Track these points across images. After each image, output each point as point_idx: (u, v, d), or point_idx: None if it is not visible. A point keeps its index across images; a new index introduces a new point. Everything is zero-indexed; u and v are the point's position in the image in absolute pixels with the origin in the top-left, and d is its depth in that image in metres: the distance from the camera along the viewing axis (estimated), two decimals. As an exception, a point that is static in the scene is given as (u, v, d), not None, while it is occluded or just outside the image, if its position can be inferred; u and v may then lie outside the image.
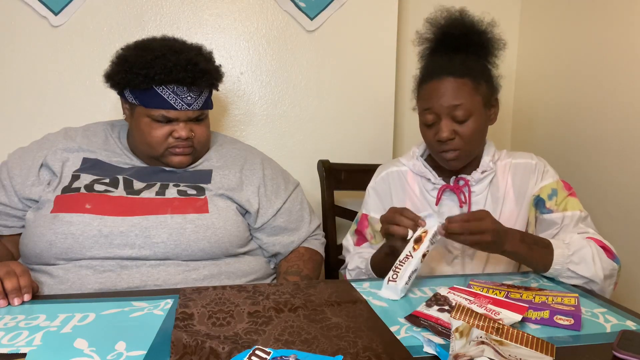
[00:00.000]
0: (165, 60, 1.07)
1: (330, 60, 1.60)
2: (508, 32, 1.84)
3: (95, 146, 1.17)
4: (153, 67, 1.06)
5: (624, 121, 1.36)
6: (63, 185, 1.07)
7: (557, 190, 1.09)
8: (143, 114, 1.11)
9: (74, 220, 0.99)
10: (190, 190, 1.11)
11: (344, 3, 1.56)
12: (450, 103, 1.03)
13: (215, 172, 1.18)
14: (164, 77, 1.06)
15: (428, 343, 0.66)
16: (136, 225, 1.01)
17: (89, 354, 0.64)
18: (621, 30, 1.36)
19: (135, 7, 1.48)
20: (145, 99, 1.09)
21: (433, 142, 1.08)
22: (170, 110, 1.09)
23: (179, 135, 1.11)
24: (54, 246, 0.98)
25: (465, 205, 1.11)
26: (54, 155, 1.12)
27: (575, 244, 0.97)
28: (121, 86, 1.12)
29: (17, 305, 0.81)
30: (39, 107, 1.47)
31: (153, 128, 1.10)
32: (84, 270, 0.98)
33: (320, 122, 1.63)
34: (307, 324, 0.73)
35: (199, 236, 1.03)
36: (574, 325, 0.74)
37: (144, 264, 1.00)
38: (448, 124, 1.04)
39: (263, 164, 1.25)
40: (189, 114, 1.12)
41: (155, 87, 1.08)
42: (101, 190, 1.06)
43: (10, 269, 0.84)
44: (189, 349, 0.64)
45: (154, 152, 1.13)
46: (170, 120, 1.11)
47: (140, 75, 1.06)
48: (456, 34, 1.08)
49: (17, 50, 1.44)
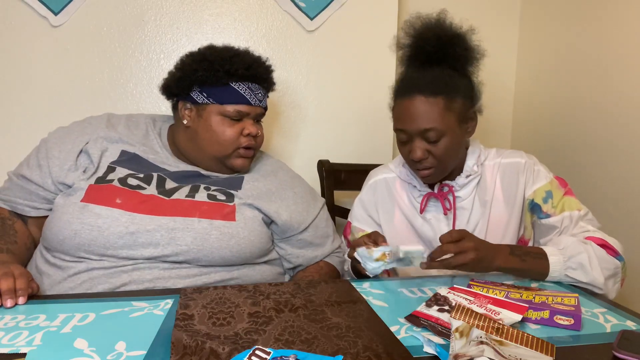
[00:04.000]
0: (244, 57, 1.15)
1: (330, 60, 1.60)
2: (508, 32, 1.87)
3: (135, 139, 1.17)
4: (234, 64, 1.12)
5: (624, 120, 1.36)
6: (98, 175, 1.07)
7: (551, 192, 1.07)
8: (215, 112, 1.13)
9: (102, 213, 0.99)
10: (220, 196, 1.11)
11: (344, 3, 1.56)
12: (420, 127, 1.01)
13: (247, 179, 1.18)
14: (244, 72, 1.12)
15: (428, 343, 0.66)
16: (163, 226, 1.01)
17: (89, 354, 0.64)
18: (621, 30, 1.36)
19: (135, 7, 1.48)
20: (221, 95, 1.13)
21: (407, 159, 1.09)
22: (246, 105, 1.14)
23: (249, 132, 1.14)
24: (79, 236, 0.98)
25: (450, 212, 1.10)
26: (95, 142, 1.13)
27: (570, 248, 0.95)
28: (191, 87, 1.14)
29: (10, 306, 0.80)
30: (39, 107, 1.47)
31: (226, 126, 1.13)
32: (96, 272, 0.98)
33: (320, 122, 1.63)
34: (307, 323, 0.73)
35: (222, 244, 1.03)
36: (574, 325, 0.74)
37: (156, 267, 1.00)
38: (420, 144, 1.03)
39: (293, 181, 1.26)
40: (258, 111, 1.17)
41: (232, 83, 1.12)
42: (134, 185, 1.06)
43: (8, 271, 0.84)
44: (189, 349, 0.64)
45: (223, 151, 1.14)
46: (241, 117, 1.15)
47: (221, 70, 1.11)
48: (429, 49, 1.05)
49: (17, 50, 1.44)
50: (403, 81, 1.09)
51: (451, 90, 1.02)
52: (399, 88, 1.08)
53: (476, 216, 1.11)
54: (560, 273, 0.94)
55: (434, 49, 1.04)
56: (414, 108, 1.01)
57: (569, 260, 0.94)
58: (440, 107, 1.01)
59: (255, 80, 1.16)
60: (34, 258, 1.07)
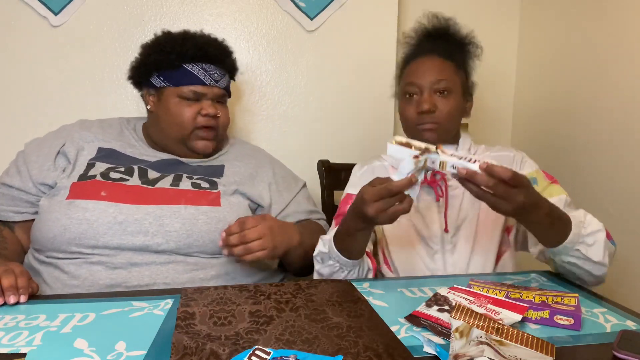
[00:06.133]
0: (195, 39, 1.17)
1: (330, 60, 1.60)
2: (508, 32, 1.87)
3: (110, 137, 1.19)
4: (185, 46, 1.14)
5: (624, 120, 1.36)
6: (79, 173, 1.09)
7: (536, 179, 1.07)
8: (172, 94, 1.15)
9: (89, 207, 1.01)
10: (204, 184, 1.13)
11: (344, 3, 1.56)
12: (434, 77, 1.09)
13: (228, 166, 1.21)
14: (196, 53, 1.14)
15: (428, 343, 0.66)
16: (150, 214, 1.02)
17: (89, 354, 0.64)
18: (621, 30, 1.36)
19: (135, 7, 1.48)
20: (176, 78, 1.15)
21: (413, 117, 1.10)
22: (200, 85, 1.15)
23: (206, 112, 1.15)
24: (68, 231, 0.99)
25: (442, 199, 1.11)
26: (71, 143, 1.15)
27: (592, 225, 0.91)
28: (149, 73, 1.17)
29: (12, 303, 0.80)
30: (39, 107, 1.47)
31: (183, 106, 1.15)
32: (95, 267, 0.99)
33: (320, 122, 1.63)
34: (308, 323, 0.73)
35: (210, 227, 1.05)
36: (574, 325, 0.74)
37: (153, 262, 1.01)
38: (430, 97, 1.09)
39: (272, 164, 1.30)
40: (215, 91, 1.18)
41: (185, 65, 1.14)
42: (116, 178, 1.08)
43: (8, 268, 0.85)
44: (189, 350, 0.64)
45: (183, 132, 1.16)
46: (198, 98, 1.16)
47: (173, 53, 1.13)
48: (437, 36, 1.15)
49: (17, 50, 1.44)
50: (416, 48, 1.17)
51: (460, 62, 1.13)
52: (412, 52, 1.17)
53: (467, 204, 1.12)
54: (572, 245, 0.89)
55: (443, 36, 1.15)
56: (430, 63, 1.11)
57: (588, 235, 0.90)
58: (452, 68, 1.12)
59: (210, 61, 1.17)
60: (26, 263, 1.08)
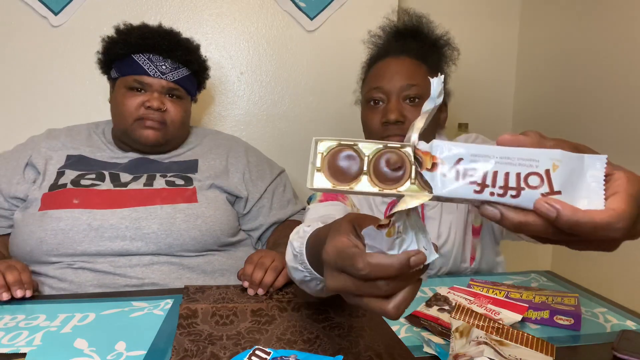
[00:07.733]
0: (143, 29, 1.14)
1: (330, 60, 1.60)
2: (508, 33, 1.87)
3: (79, 143, 1.17)
4: (131, 35, 1.12)
5: (624, 120, 1.36)
6: (49, 182, 1.07)
7: None
8: (121, 85, 1.13)
9: (62, 216, 0.99)
10: (178, 181, 1.11)
11: (344, 3, 1.56)
12: (404, 82, 0.94)
13: (202, 160, 1.19)
14: (141, 42, 1.11)
15: (428, 343, 0.66)
16: (126, 217, 1.01)
17: (89, 354, 0.64)
18: (621, 30, 1.36)
19: (135, 7, 1.48)
20: (123, 67, 1.13)
21: (377, 127, 0.96)
22: (144, 76, 1.11)
23: (150, 104, 1.10)
24: (45, 243, 0.98)
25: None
26: (38, 153, 1.12)
27: None
28: (109, 66, 1.16)
29: (19, 297, 0.81)
30: (39, 107, 1.46)
31: (127, 97, 1.11)
32: (80, 271, 0.98)
33: (320, 122, 1.62)
34: (309, 323, 0.73)
35: (189, 225, 1.03)
36: (574, 325, 0.74)
37: (137, 265, 1.00)
38: (398, 105, 0.94)
39: (247, 152, 1.27)
40: (162, 83, 1.12)
41: (132, 54, 1.12)
42: (87, 184, 1.06)
43: (11, 264, 0.85)
44: (190, 352, 0.64)
45: (125, 123, 1.12)
46: (143, 88, 1.12)
47: (120, 42, 1.12)
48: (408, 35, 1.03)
49: (17, 50, 1.44)
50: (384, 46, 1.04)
51: (433, 65, 0.99)
52: (379, 52, 1.03)
53: (447, 224, 1.00)
54: None
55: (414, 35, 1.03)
56: (399, 65, 0.96)
57: None
58: (424, 72, 0.97)
59: (157, 52, 1.12)
60: None
